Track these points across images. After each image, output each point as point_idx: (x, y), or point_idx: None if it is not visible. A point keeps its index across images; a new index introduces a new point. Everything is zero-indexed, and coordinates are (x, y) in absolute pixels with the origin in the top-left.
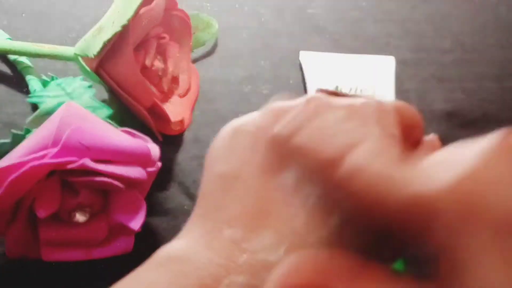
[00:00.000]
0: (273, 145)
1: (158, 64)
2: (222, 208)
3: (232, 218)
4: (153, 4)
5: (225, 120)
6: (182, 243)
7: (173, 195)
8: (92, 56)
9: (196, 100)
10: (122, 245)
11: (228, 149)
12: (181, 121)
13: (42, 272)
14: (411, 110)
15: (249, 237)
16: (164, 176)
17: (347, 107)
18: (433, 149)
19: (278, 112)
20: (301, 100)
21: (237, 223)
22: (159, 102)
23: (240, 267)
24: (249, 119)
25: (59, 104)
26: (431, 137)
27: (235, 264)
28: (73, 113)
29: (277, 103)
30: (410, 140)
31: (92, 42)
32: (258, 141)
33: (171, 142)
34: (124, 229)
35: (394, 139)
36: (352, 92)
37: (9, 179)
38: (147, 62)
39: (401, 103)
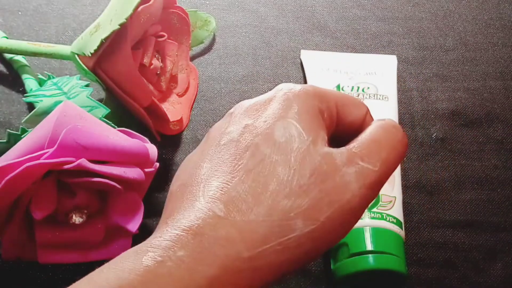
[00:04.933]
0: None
1: (156, 62)
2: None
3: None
4: (152, 1)
5: None
6: None
7: None
8: (89, 55)
9: (195, 99)
10: (120, 247)
11: (179, 171)
12: (180, 121)
13: (38, 274)
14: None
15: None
16: (162, 177)
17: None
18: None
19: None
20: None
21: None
22: (157, 101)
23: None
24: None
25: (55, 104)
26: (385, 118)
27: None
28: (69, 113)
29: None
30: (348, 118)
31: (89, 40)
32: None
33: (169, 142)
34: (122, 231)
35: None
36: (354, 92)
37: (5, 179)
38: (145, 61)
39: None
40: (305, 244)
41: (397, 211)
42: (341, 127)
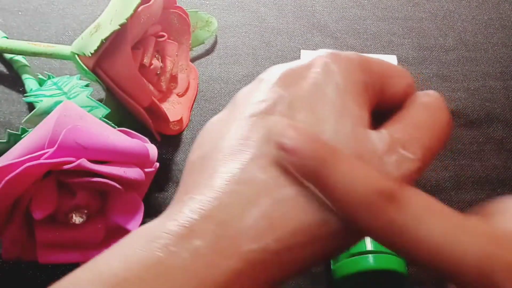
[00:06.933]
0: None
1: (156, 62)
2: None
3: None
4: (152, 1)
5: None
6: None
7: (172, 196)
8: (89, 55)
9: (195, 99)
10: None
11: (200, 138)
12: (180, 121)
13: (38, 274)
14: (371, 60)
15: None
16: (162, 177)
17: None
18: (425, 107)
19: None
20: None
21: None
22: (157, 102)
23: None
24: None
25: (55, 104)
26: (429, 92)
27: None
28: (69, 113)
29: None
30: (390, 90)
31: (89, 40)
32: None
33: (169, 142)
34: (122, 231)
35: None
36: None
37: (5, 179)
38: (145, 61)
39: (357, 56)
40: (339, 236)
41: None
42: (383, 100)
